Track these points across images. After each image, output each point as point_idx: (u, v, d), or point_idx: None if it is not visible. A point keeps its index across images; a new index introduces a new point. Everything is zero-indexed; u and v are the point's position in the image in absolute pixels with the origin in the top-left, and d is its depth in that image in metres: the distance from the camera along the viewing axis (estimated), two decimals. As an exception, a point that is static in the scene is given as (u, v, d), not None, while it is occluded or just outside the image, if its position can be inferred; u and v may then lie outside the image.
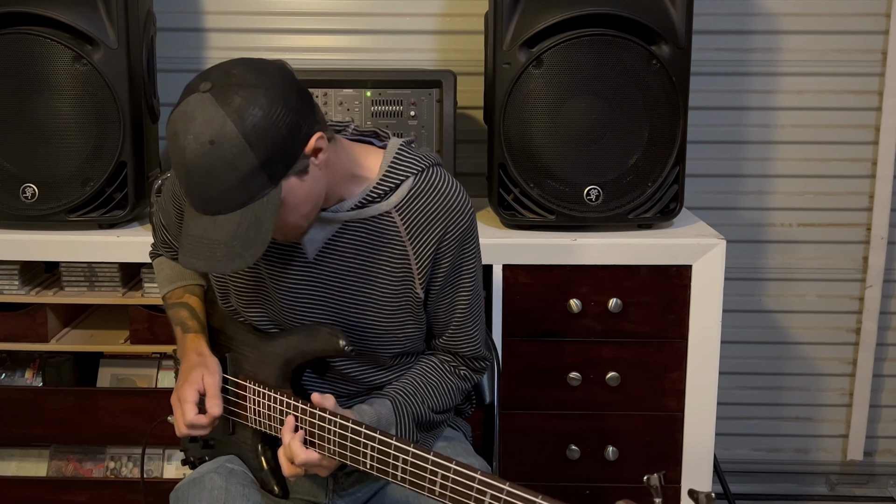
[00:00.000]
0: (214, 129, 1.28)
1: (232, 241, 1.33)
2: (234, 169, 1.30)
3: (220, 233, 1.33)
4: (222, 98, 1.29)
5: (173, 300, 1.71)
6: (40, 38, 2.14)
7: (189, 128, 1.29)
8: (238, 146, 1.29)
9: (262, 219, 1.33)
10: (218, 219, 1.33)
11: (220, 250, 1.33)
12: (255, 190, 1.32)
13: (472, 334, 1.63)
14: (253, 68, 1.33)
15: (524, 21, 2.15)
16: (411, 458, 1.38)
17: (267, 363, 1.57)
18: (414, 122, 2.31)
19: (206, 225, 1.34)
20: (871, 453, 2.95)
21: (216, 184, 1.31)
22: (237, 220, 1.33)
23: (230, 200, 1.32)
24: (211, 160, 1.29)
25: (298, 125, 1.34)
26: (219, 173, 1.30)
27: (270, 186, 1.33)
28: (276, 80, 1.33)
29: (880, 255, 2.78)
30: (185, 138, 1.30)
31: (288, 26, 2.68)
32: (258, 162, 1.30)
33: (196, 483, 1.56)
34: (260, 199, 1.33)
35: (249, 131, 1.29)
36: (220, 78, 1.31)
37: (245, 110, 1.29)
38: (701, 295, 2.18)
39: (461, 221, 1.53)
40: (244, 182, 1.31)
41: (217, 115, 1.28)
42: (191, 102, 1.31)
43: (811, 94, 2.72)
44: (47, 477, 2.35)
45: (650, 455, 2.26)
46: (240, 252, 1.33)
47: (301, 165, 1.36)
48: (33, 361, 2.39)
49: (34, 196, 2.19)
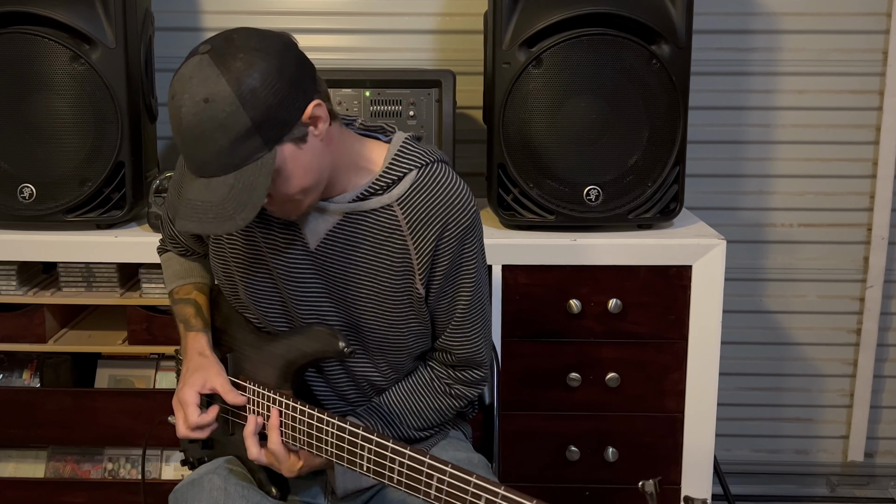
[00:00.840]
0: (209, 87, 1.30)
1: (224, 202, 1.34)
2: (226, 129, 1.30)
3: (213, 195, 1.34)
4: (220, 60, 1.31)
5: (180, 296, 1.71)
6: (38, 38, 2.13)
7: (185, 88, 1.31)
8: (231, 105, 1.29)
9: (255, 183, 1.34)
10: (212, 181, 1.34)
11: (211, 212, 1.34)
12: (248, 152, 1.33)
13: (471, 336, 1.62)
14: (254, 34, 1.35)
15: (524, 20, 2.15)
16: (407, 460, 1.38)
17: (268, 364, 1.57)
18: (413, 121, 2.31)
19: (200, 188, 1.35)
20: (872, 454, 2.95)
21: (209, 144, 1.32)
22: (230, 183, 1.33)
23: (223, 162, 1.33)
24: (204, 119, 1.30)
25: (296, 91, 1.34)
26: (211, 133, 1.31)
27: (264, 150, 1.34)
28: (276, 46, 1.34)
29: (881, 255, 2.78)
30: (181, 98, 1.31)
31: (287, 26, 2.67)
32: (251, 123, 1.31)
33: (195, 484, 1.56)
34: (253, 162, 1.34)
35: (244, 92, 1.30)
36: (221, 42, 1.33)
37: (242, 72, 1.30)
38: (701, 295, 2.18)
39: (462, 218, 1.53)
40: (237, 144, 1.32)
41: (213, 75, 1.30)
42: (189, 65, 1.33)
43: (812, 93, 2.72)
44: (45, 478, 2.35)
45: (650, 456, 2.26)
46: (231, 214, 1.33)
47: (298, 133, 1.37)
48: (31, 362, 2.39)
49: (32, 196, 2.18)
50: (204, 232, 1.36)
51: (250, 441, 1.51)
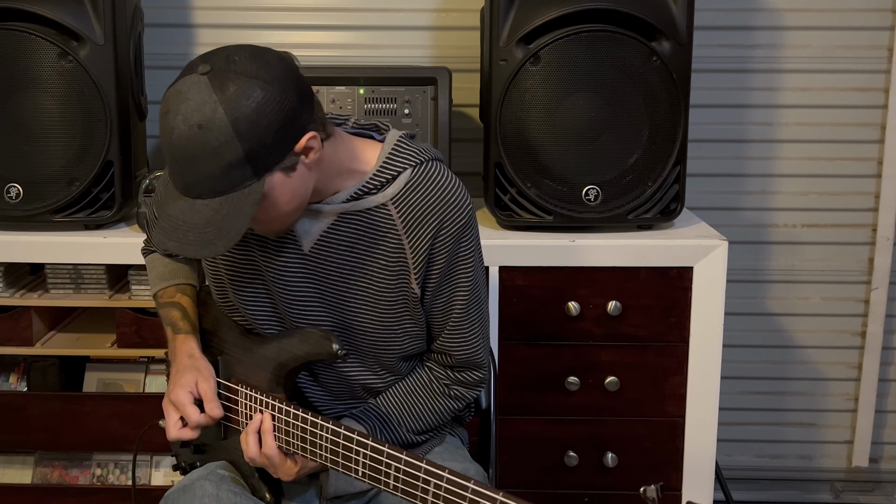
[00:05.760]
0: (204, 113, 1.29)
1: (206, 227, 1.34)
2: (218, 156, 1.30)
3: (196, 217, 1.34)
4: (218, 84, 1.30)
5: (165, 299, 1.71)
6: (25, 34, 2.13)
7: (180, 108, 1.30)
8: (225, 134, 1.29)
9: (240, 211, 1.34)
10: (197, 203, 1.34)
11: (192, 234, 1.34)
12: (237, 181, 1.33)
13: (469, 337, 1.61)
14: (255, 58, 1.34)
15: (521, 17, 2.15)
16: (404, 465, 1.39)
17: (260, 367, 1.56)
18: (408, 120, 2.31)
19: (184, 207, 1.35)
20: (877, 459, 2.95)
21: (199, 168, 1.31)
22: (215, 208, 1.33)
23: (210, 187, 1.33)
24: (196, 144, 1.30)
25: (291, 122, 1.34)
26: (202, 158, 1.31)
27: (253, 179, 1.34)
28: (275, 73, 1.33)
29: (886, 256, 2.78)
30: (174, 118, 1.31)
31: (279, 22, 2.68)
32: (243, 153, 1.31)
33: (186, 490, 1.55)
34: (240, 189, 1.34)
35: (239, 121, 1.29)
36: (221, 62, 1.32)
37: (238, 100, 1.29)
38: (702, 297, 2.17)
39: (458, 217, 1.53)
40: (227, 171, 1.31)
41: (209, 100, 1.29)
42: (187, 82, 1.32)
43: (815, 91, 2.72)
44: (32, 484, 2.34)
45: (650, 462, 2.26)
46: (211, 240, 1.34)
47: (289, 162, 1.37)
48: (18, 366, 2.38)
49: (19, 196, 2.18)
50: (182, 254, 1.36)
51: (251, 439, 1.50)
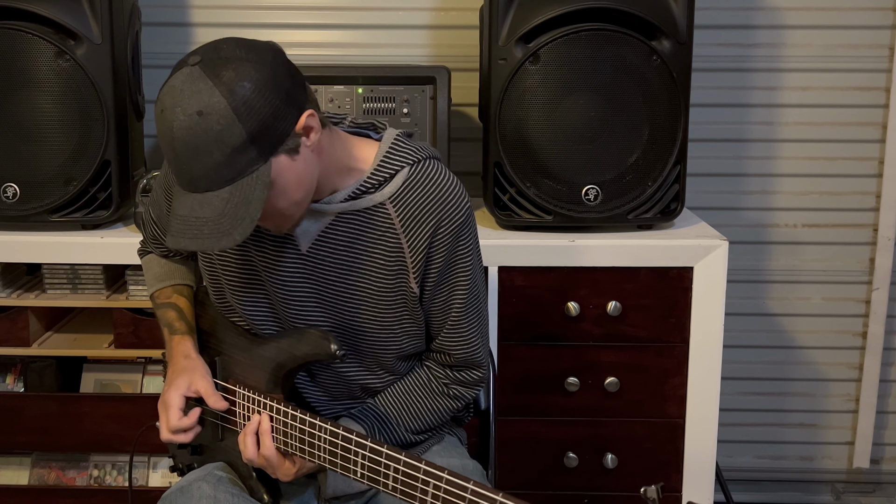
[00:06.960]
0: (203, 100, 1.29)
1: (220, 218, 1.32)
2: (221, 142, 1.30)
3: (208, 210, 1.33)
4: (211, 71, 1.30)
5: (161, 300, 1.71)
6: (21, 33, 2.12)
7: (177, 101, 1.30)
8: (226, 117, 1.29)
9: (251, 196, 1.33)
10: (206, 196, 1.33)
11: (207, 227, 1.32)
12: (244, 165, 1.32)
13: (468, 337, 1.61)
14: (243, 45, 1.35)
15: (520, 15, 2.14)
16: (402, 466, 1.38)
17: (257, 367, 1.56)
18: (407, 119, 2.31)
19: (193, 204, 1.34)
20: (878, 461, 2.95)
21: (204, 159, 1.30)
22: (225, 197, 1.32)
23: (218, 176, 1.32)
24: (199, 132, 1.29)
25: (289, 101, 1.34)
26: (206, 147, 1.30)
27: (260, 162, 1.33)
28: (265, 56, 1.34)
29: (887, 256, 2.77)
30: (172, 112, 1.30)
31: (277, 21, 2.68)
32: (246, 135, 1.30)
33: (184, 491, 1.55)
34: (249, 175, 1.33)
35: (238, 104, 1.29)
36: (210, 52, 1.33)
37: (234, 83, 1.29)
38: (702, 298, 2.17)
39: (456, 215, 1.52)
40: (232, 157, 1.31)
41: (205, 87, 1.29)
42: (180, 77, 1.32)
43: (816, 90, 2.72)
44: (29, 485, 2.34)
45: (650, 463, 2.25)
46: (228, 230, 1.32)
47: (292, 144, 1.36)
48: (14, 366, 2.38)
49: (15, 196, 2.18)
50: (201, 249, 1.34)
51: (250, 440, 1.50)
